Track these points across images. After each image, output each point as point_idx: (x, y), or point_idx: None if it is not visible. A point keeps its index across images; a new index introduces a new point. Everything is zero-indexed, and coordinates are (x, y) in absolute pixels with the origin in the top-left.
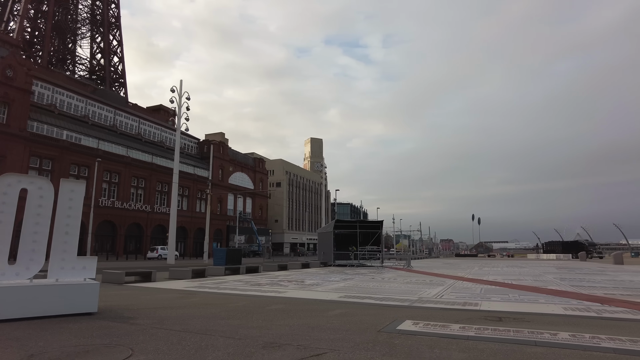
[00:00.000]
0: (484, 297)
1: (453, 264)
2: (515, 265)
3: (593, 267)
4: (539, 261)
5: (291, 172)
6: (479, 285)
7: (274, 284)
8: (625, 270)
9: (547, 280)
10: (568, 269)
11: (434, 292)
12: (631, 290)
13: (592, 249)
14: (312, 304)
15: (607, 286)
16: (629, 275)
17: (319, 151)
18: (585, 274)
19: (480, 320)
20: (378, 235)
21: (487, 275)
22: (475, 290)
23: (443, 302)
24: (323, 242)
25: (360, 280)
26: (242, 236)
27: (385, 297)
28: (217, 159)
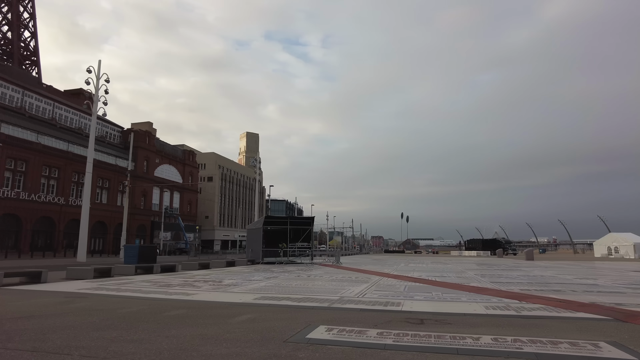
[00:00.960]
0: (407, 295)
1: (381, 260)
2: (440, 261)
3: (509, 263)
4: (461, 257)
5: (224, 166)
6: (404, 282)
7: (186, 284)
8: (536, 266)
9: (469, 277)
10: (487, 265)
11: (357, 291)
12: (543, 286)
13: (508, 246)
14: (220, 307)
15: (522, 282)
16: (539, 270)
17: (255, 146)
18: (503, 270)
19: (401, 324)
20: (309, 232)
21: (413, 271)
22: (399, 288)
23: (365, 301)
24: (252, 239)
25: (284, 279)
26: (168, 233)
27: (305, 298)
28: (142, 150)
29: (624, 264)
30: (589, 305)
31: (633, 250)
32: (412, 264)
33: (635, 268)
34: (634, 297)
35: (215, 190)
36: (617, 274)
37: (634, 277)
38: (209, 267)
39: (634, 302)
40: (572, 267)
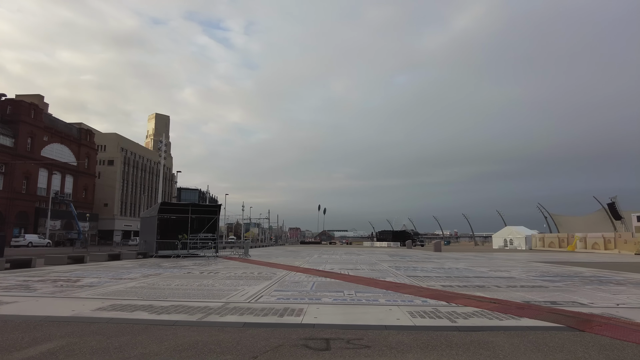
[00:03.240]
0: (314, 296)
1: (295, 252)
2: (353, 252)
3: (419, 255)
4: (373, 248)
5: (128, 149)
6: (313, 277)
7: (21, 286)
8: (446, 257)
9: (383, 269)
10: (400, 256)
11: (252, 292)
12: (464, 280)
13: (416, 238)
14: (22, 328)
15: (440, 275)
16: (451, 262)
17: (165, 129)
18: (416, 262)
19: (295, 351)
20: (214, 221)
21: (325, 264)
22: (306, 285)
23: (255, 309)
24: (145, 229)
25: (167, 277)
26: (58, 221)
27: (173, 306)
28: (26, 125)
29: (519, 254)
30: (527, 307)
31: (524, 242)
32: (326, 255)
33: (533, 259)
34: (559, 292)
35: (116, 175)
36: (523, 265)
37: (540, 268)
38: (84, 261)
39: (565, 299)
40: (478, 258)
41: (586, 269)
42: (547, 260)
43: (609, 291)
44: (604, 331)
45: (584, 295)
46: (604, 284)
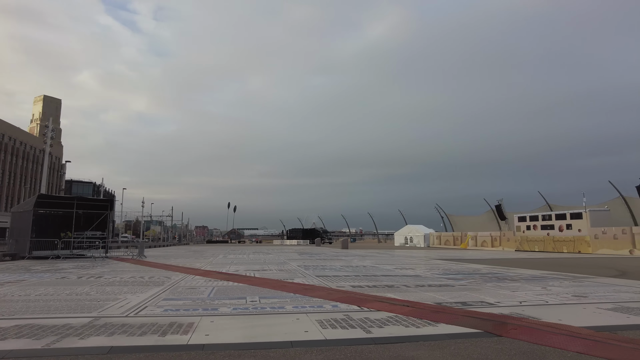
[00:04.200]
0: (210, 305)
1: (198, 252)
2: (262, 251)
3: (328, 252)
4: (283, 247)
5: (5, 133)
6: (213, 281)
7: None
8: (353, 255)
9: (292, 269)
10: (309, 254)
11: (135, 301)
12: (373, 280)
13: (325, 236)
14: None
15: (349, 274)
16: (359, 260)
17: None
18: (325, 260)
19: None
20: (105, 217)
21: (230, 265)
22: (203, 291)
23: (132, 325)
24: (18, 226)
25: (30, 284)
26: None
27: (16, 326)
28: None
29: (419, 251)
30: (441, 310)
31: (423, 239)
32: (232, 255)
33: (432, 256)
34: (466, 291)
35: None
36: (425, 263)
37: (442, 266)
38: None
39: (473, 299)
40: (382, 255)
41: (482, 265)
42: (445, 258)
43: (508, 288)
44: (521, 335)
45: (489, 293)
46: (501, 280)
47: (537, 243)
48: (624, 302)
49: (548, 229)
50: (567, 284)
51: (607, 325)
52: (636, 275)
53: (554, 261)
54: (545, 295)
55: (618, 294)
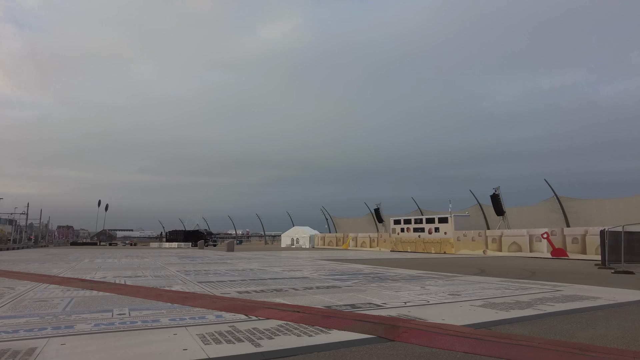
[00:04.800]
0: (65, 322)
1: (60, 255)
2: (136, 255)
3: (212, 255)
4: (161, 250)
5: None
6: (73, 291)
7: None
8: (239, 257)
9: (170, 274)
10: (190, 258)
11: None
12: (260, 284)
13: (209, 238)
14: None
15: (235, 279)
16: (245, 263)
17: None
18: (208, 264)
19: None
20: None
21: (97, 270)
22: (57, 304)
23: None
24: None
25: None
26: None
27: None
28: None
29: (304, 252)
30: (332, 315)
31: (309, 240)
32: (101, 258)
33: (317, 256)
34: (353, 292)
35: None
36: (311, 263)
37: (327, 266)
38: None
39: (361, 300)
40: (270, 257)
41: (364, 265)
42: (329, 258)
43: (391, 288)
44: (412, 338)
45: (374, 294)
46: (383, 280)
47: (410, 244)
48: (489, 299)
49: (419, 231)
50: (442, 283)
51: (483, 322)
52: (491, 272)
53: (425, 261)
54: (425, 294)
55: (483, 290)
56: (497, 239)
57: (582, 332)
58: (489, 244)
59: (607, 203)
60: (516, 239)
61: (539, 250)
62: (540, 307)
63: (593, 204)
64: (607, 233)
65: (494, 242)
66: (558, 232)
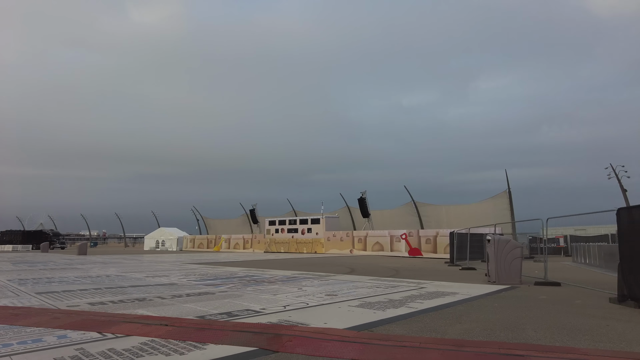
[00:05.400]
0: None
1: None
2: None
3: (58, 260)
4: None
5: None
6: None
7: None
8: (92, 262)
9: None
10: (29, 263)
11: None
12: (119, 293)
13: (56, 240)
14: None
15: (87, 288)
16: (100, 269)
17: None
18: (52, 270)
19: None
20: None
21: None
22: None
23: None
24: None
25: None
26: None
27: None
28: None
29: (171, 255)
30: (207, 326)
31: (176, 243)
32: None
33: (186, 260)
34: (228, 298)
35: None
36: (179, 268)
37: (197, 270)
38: None
39: (237, 307)
40: (131, 261)
41: (237, 268)
42: (200, 261)
43: (268, 292)
44: (297, 347)
45: (252, 299)
46: (260, 283)
47: (284, 245)
48: (365, 298)
49: (293, 232)
50: (317, 283)
51: (364, 324)
52: (361, 271)
53: (299, 261)
54: (303, 296)
55: (357, 290)
56: (362, 239)
57: (452, 327)
58: (356, 243)
59: (453, 208)
60: (379, 239)
61: (399, 250)
62: (411, 304)
63: (443, 209)
64: (455, 234)
65: (359, 242)
66: (414, 234)
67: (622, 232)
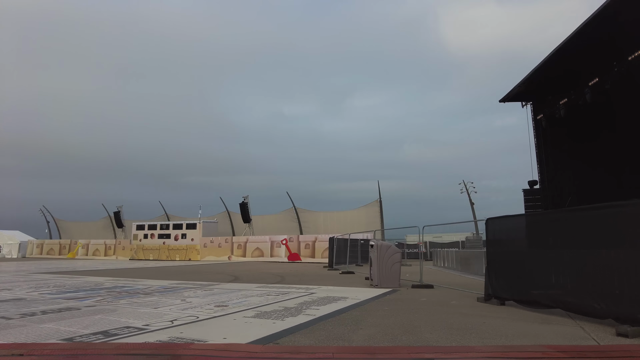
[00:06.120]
0: None
1: None
2: None
3: None
4: None
5: None
6: None
7: None
8: None
9: None
10: None
11: None
12: None
13: None
14: None
15: None
16: None
17: None
18: None
19: None
20: None
21: None
22: None
23: None
24: None
25: None
26: None
27: None
28: None
29: (13, 264)
30: (80, 351)
31: (18, 248)
32: None
33: (34, 269)
34: (99, 314)
35: None
36: (26, 277)
37: (51, 281)
38: None
39: (115, 324)
40: None
41: (103, 278)
42: (53, 270)
43: (147, 304)
44: None
45: (130, 314)
46: (134, 295)
47: (153, 251)
48: (258, 307)
49: (165, 238)
50: (202, 293)
51: (267, 336)
52: (245, 278)
53: (173, 269)
54: (190, 309)
55: (248, 299)
56: (242, 244)
57: (355, 334)
58: (235, 249)
59: (330, 215)
60: (259, 244)
61: (279, 255)
62: (308, 311)
63: (321, 215)
64: (335, 240)
65: (239, 247)
66: (295, 239)
67: (489, 240)
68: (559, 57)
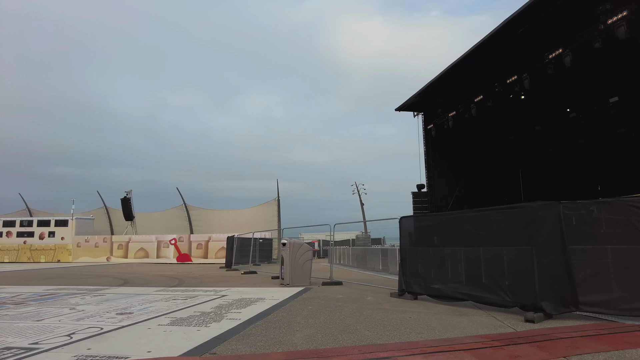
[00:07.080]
0: None
1: None
2: None
3: None
4: None
5: None
6: None
7: None
8: None
9: None
10: None
11: None
12: None
13: None
14: None
15: None
16: None
17: None
18: None
19: None
20: None
21: None
22: None
23: None
24: None
25: None
26: None
27: None
28: None
29: None
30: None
31: None
32: None
33: None
34: None
35: None
36: None
37: None
38: None
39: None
40: None
41: None
42: None
43: (24, 317)
44: None
45: (6, 330)
46: (6, 307)
47: (10, 253)
48: (170, 313)
49: (26, 236)
50: (93, 300)
51: (199, 346)
52: (137, 282)
53: (41, 272)
54: (87, 318)
55: (152, 304)
56: (123, 244)
57: (293, 336)
58: (115, 250)
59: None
60: (144, 244)
61: (166, 256)
62: (230, 315)
63: (215, 213)
64: (236, 239)
65: (120, 248)
66: (185, 238)
67: (402, 237)
68: (450, 74)
